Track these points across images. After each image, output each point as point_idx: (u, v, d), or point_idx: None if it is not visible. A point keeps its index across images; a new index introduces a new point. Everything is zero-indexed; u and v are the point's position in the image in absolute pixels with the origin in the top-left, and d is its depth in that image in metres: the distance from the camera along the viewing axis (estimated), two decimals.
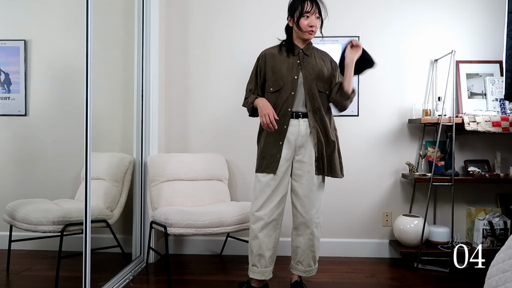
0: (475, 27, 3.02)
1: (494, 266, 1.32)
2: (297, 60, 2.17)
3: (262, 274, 2.17)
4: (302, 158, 2.16)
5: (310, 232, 2.18)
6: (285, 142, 2.14)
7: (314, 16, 2.13)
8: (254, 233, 2.15)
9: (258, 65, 2.23)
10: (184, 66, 3.14)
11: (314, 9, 2.12)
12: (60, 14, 2.39)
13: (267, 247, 2.16)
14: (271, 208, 2.13)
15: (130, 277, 2.54)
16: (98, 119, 2.25)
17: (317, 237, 2.21)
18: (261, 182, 2.14)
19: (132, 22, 2.86)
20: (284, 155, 2.14)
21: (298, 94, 2.14)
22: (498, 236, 2.75)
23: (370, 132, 3.06)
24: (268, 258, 2.17)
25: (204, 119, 3.12)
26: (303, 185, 2.16)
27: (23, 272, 2.34)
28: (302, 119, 2.15)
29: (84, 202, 2.07)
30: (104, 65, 2.70)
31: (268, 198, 2.13)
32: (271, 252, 2.18)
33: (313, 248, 2.21)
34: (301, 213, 2.17)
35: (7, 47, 2.15)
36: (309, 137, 2.15)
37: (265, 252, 2.15)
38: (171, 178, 2.78)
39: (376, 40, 3.05)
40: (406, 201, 3.05)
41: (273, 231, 2.17)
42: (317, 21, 2.15)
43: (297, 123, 2.14)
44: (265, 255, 2.15)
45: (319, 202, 2.19)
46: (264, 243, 2.14)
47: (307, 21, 2.12)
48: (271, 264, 2.20)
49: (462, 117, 2.72)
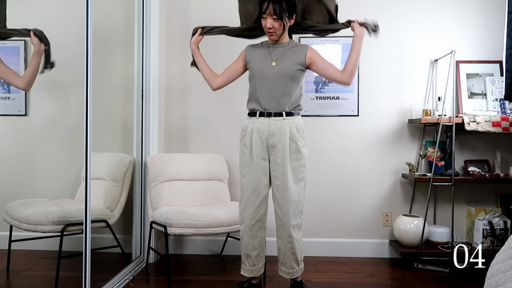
0: (475, 27, 3.02)
1: (494, 266, 1.32)
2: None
3: (251, 272, 2.25)
4: (275, 159, 2.15)
5: (288, 234, 2.14)
6: (249, 141, 2.19)
7: (271, 17, 2.06)
8: (240, 234, 2.24)
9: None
10: (184, 65, 3.13)
11: (270, 10, 2.03)
12: (60, 13, 2.39)
13: (253, 247, 2.21)
14: (253, 210, 2.17)
15: (130, 277, 2.54)
16: (98, 119, 2.25)
17: (296, 239, 2.15)
18: (242, 183, 2.21)
19: (132, 22, 2.86)
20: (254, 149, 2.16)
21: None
22: (498, 236, 2.75)
23: (370, 132, 3.06)
24: (254, 257, 2.22)
25: (204, 119, 3.12)
26: (278, 187, 2.14)
27: (23, 272, 2.34)
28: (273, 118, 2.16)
29: (84, 202, 2.07)
30: (104, 65, 2.70)
31: (248, 199, 2.18)
32: (257, 252, 2.22)
33: (294, 250, 2.16)
34: (279, 215, 2.16)
35: (7, 47, 2.15)
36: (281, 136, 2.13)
37: (250, 252, 2.22)
38: (171, 178, 2.78)
39: (376, 40, 3.05)
40: (406, 201, 3.05)
41: (258, 231, 2.20)
42: (276, 22, 2.07)
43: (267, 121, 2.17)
44: (250, 255, 2.22)
45: (296, 204, 2.14)
46: (250, 244, 2.20)
47: (264, 22, 2.10)
48: (259, 262, 2.24)
49: (462, 117, 2.72)
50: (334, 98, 3.05)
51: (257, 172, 2.16)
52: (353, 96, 3.04)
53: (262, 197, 2.17)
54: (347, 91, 3.04)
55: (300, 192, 2.16)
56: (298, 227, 2.17)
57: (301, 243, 2.20)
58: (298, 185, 2.14)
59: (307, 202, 3.06)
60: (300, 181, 2.16)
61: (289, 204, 2.12)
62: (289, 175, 2.12)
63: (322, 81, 3.05)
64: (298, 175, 2.15)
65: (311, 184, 3.06)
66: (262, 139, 2.15)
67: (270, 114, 2.15)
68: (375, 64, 3.05)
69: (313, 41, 3.04)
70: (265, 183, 2.17)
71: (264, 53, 2.20)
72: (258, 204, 2.17)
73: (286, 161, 2.12)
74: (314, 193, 3.07)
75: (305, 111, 3.05)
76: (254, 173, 2.16)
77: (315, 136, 3.07)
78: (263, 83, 2.16)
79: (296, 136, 2.14)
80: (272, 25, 2.07)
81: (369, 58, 3.05)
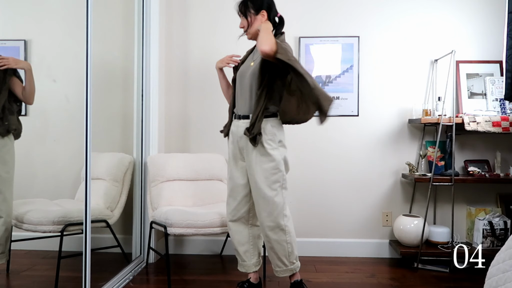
0: (475, 27, 3.02)
1: (494, 266, 1.32)
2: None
3: (242, 267, 2.28)
4: (246, 161, 2.16)
5: (265, 234, 2.13)
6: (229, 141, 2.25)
7: (241, 17, 2.17)
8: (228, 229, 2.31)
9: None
10: (184, 66, 3.14)
11: (238, 10, 2.17)
12: (60, 14, 2.39)
13: (238, 242, 2.25)
14: (233, 207, 2.23)
15: (130, 277, 2.54)
16: (98, 119, 2.25)
17: (276, 241, 2.10)
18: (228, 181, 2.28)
19: (132, 22, 2.86)
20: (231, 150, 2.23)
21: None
22: (498, 236, 2.75)
23: (370, 132, 3.06)
24: (243, 253, 2.25)
25: (204, 119, 3.12)
26: (252, 188, 2.15)
27: (23, 272, 2.34)
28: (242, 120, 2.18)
29: (84, 202, 2.07)
30: (104, 65, 2.70)
31: (228, 198, 2.26)
32: (245, 248, 2.25)
33: (274, 250, 2.12)
34: (257, 215, 2.18)
35: (7, 47, 2.15)
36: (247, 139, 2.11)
37: (237, 247, 2.25)
38: (171, 178, 2.78)
39: (376, 40, 3.05)
40: (406, 201, 3.05)
41: (244, 227, 2.24)
42: (244, 21, 2.16)
43: (236, 123, 2.20)
44: (238, 250, 2.25)
45: (271, 207, 2.07)
46: (235, 239, 2.25)
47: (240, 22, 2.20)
48: (249, 259, 2.25)
49: (462, 117, 2.72)
50: (334, 98, 3.05)
51: (235, 172, 2.21)
52: (353, 96, 3.04)
53: (241, 196, 2.20)
54: (347, 91, 3.04)
55: (274, 195, 2.07)
56: (279, 229, 2.09)
57: (285, 244, 2.11)
58: (271, 188, 2.07)
59: (307, 203, 3.07)
60: (274, 184, 2.08)
61: (261, 205, 2.10)
62: (259, 178, 2.08)
63: (322, 81, 3.05)
64: (271, 178, 2.07)
65: (311, 184, 3.07)
66: (234, 141, 2.20)
67: (239, 117, 2.17)
68: (375, 64, 3.05)
69: (313, 41, 3.04)
70: (242, 182, 2.19)
71: (249, 56, 2.25)
72: (238, 202, 2.21)
73: (253, 163, 2.10)
74: (314, 193, 3.07)
75: None
76: (232, 173, 2.23)
77: (315, 136, 3.07)
78: (238, 84, 2.20)
79: (263, 139, 2.07)
80: (242, 24, 2.17)
81: (369, 58, 3.05)
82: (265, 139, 2.08)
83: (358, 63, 3.04)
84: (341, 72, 3.05)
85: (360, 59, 3.05)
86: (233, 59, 2.30)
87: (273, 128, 2.11)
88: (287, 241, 2.12)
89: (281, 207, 2.09)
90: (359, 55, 3.05)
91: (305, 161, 3.08)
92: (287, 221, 2.11)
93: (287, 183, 2.16)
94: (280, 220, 2.09)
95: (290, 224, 2.13)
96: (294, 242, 2.14)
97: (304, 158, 3.08)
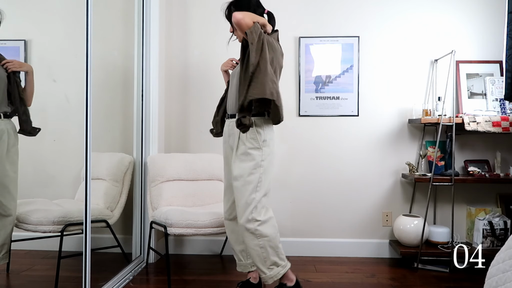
0: (475, 27, 3.02)
1: (494, 266, 1.32)
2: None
3: (239, 266, 2.32)
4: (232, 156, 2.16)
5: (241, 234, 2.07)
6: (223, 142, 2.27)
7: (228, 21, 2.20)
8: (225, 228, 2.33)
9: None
10: (184, 66, 3.14)
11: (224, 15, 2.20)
12: (60, 14, 2.39)
13: (235, 241, 2.28)
14: (228, 207, 2.26)
15: (130, 277, 2.54)
16: (98, 119, 2.25)
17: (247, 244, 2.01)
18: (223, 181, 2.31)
19: (132, 22, 2.86)
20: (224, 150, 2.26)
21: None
22: (498, 236, 2.75)
23: (370, 132, 3.06)
24: (239, 252, 2.29)
25: (204, 119, 3.12)
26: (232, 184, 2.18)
27: (23, 272, 2.34)
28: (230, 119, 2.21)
29: (84, 202, 2.07)
30: (104, 65, 2.70)
31: (224, 197, 2.29)
32: (241, 247, 2.28)
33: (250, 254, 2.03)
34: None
35: (7, 47, 2.15)
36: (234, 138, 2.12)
37: (234, 246, 2.29)
38: (171, 178, 2.78)
39: (376, 40, 3.05)
40: (406, 201, 3.05)
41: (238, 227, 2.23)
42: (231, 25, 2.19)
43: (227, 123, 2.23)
44: (234, 249, 2.30)
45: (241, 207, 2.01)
46: (231, 238, 2.29)
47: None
48: (246, 258, 2.30)
49: (462, 117, 2.72)
50: (334, 98, 3.05)
51: (228, 171, 2.23)
52: (353, 96, 3.04)
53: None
54: (347, 91, 3.04)
55: (246, 196, 2.00)
56: (248, 232, 2.01)
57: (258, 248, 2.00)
58: (244, 188, 2.01)
59: (307, 202, 3.07)
60: (248, 184, 2.00)
61: (238, 205, 2.04)
62: (235, 175, 2.04)
63: (322, 81, 3.05)
64: (247, 177, 2.00)
65: (311, 183, 3.07)
66: (226, 140, 2.22)
67: (229, 116, 2.20)
68: (375, 64, 3.05)
69: (313, 41, 3.04)
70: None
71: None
72: (232, 202, 2.23)
73: (233, 160, 2.08)
74: (314, 193, 3.07)
75: (305, 111, 3.05)
76: (226, 172, 2.26)
77: (315, 136, 3.07)
78: (230, 85, 2.24)
79: (245, 137, 2.03)
80: (231, 28, 2.20)
81: (369, 58, 3.05)
82: (247, 137, 2.03)
83: (358, 63, 3.04)
84: (341, 72, 3.05)
85: (360, 59, 3.05)
86: (232, 63, 2.35)
87: (257, 127, 2.04)
88: (260, 245, 2.00)
89: (251, 209, 1.99)
90: (359, 55, 3.05)
91: (305, 161, 3.08)
92: (258, 225, 1.99)
93: (267, 187, 2.04)
94: (248, 223, 1.99)
95: (263, 228, 1.99)
96: (271, 247, 2.01)
97: (304, 158, 3.08)
